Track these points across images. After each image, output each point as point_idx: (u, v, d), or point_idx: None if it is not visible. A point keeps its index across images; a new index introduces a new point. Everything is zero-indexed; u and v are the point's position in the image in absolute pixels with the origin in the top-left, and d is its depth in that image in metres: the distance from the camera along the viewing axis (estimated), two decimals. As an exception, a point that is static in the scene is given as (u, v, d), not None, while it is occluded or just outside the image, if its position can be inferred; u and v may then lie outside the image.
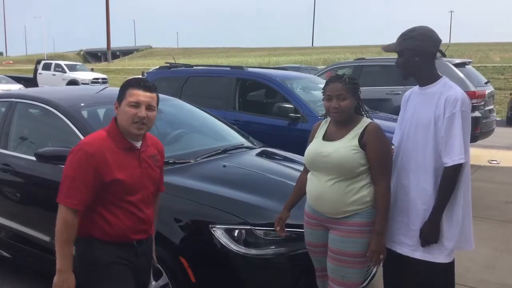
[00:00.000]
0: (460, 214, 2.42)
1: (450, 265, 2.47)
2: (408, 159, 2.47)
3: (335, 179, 2.37)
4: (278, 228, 2.62)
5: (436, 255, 2.42)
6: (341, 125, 2.45)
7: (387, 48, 2.54)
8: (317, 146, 2.48)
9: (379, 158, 2.36)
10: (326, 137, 2.49)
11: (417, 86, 2.55)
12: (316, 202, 2.45)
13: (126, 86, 2.16)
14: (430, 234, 2.38)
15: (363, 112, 2.52)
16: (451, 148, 2.31)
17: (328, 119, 2.57)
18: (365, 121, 2.45)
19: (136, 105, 2.11)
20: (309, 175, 2.55)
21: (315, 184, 2.45)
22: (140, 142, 2.22)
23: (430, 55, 2.44)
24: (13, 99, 3.84)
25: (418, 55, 2.41)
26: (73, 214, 2.05)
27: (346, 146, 2.37)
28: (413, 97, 2.57)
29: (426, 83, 2.46)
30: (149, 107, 2.15)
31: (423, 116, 2.42)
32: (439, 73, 2.49)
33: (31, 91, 4.38)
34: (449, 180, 2.33)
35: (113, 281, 2.13)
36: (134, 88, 2.13)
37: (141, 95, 2.12)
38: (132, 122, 2.11)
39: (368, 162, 2.36)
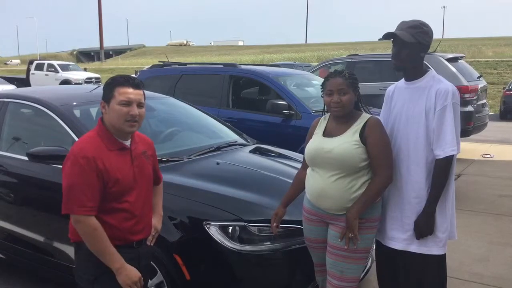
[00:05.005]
0: (450, 206, 2.45)
1: (443, 257, 2.50)
2: (398, 153, 2.48)
3: (337, 175, 2.37)
4: (274, 225, 2.62)
5: (431, 247, 2.44)
6: (341, 120, 2.45)
7: (390, 36, 2.39)
8: (318, 142, 2.47)
9: (381, 149, 2.36)
10: (327, 133, 2.49)
11: (402, 80, 2.56)
12: (318, 198, 2.45)
13: (113, 84, 2.13)
14: (425, 226, 2.40)
15: (362, 108, 2.53)
16: (443, 140, 2.34)
17: (327, 115, 2.57)
18: (365, 116, 2.45)
19: (128, 103, 2.10)
20: (309, 172, 2.55)
21: (317, 180, 2.44)
22: (129, 140, 2.22)
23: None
24: (5, 99, 3.81)
25: (424, 51, 2.43)
26: (93, 218, 2.03)
27: (348, 141, 2.37)
28: (398, 92, 2.57)
29: (414, 78, 2.47)
30: (139, 105, 2.15)
31: (414, 109, 2.44)
32: (431, 68, 2.51)
33: (22, 90, 4.35)
34: (442, 171, 2.36)
35: (116, 287, 2.10)
36: (123, 87, 2.11)
37: (132, 93, 2.12)
38: (125, 121, 2.11)
39: (369, 156, 2.36)
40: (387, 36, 2.42)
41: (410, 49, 2.38)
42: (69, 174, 2.05)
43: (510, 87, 16.32)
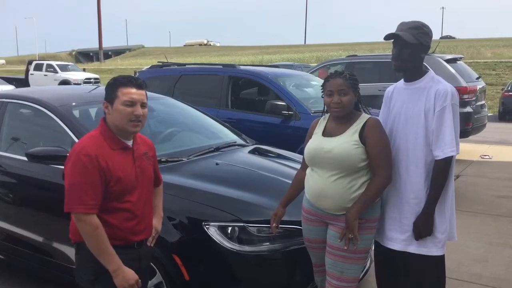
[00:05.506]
0: (449, 207, 2.46)
1: (442, 258, 2.50)
2: (397, 154, 2.49)
3: (337, 175, 2.38)
4: (274, 225, 2.62)
5: (430, 248, 2.44)
6: (341, 121, 2.46)
7: (392, 37, 2.40)
8: (317, 142, 2.48)
9: (380, 150, 2.37)
10: (326, 133, 2.49)
11: (401, 81, 2.56)
12: (318, 198, 2.45)
13: (117, 85, 2.14)
14: (424, 227, 2.40)
15: (362, 108, 2.53)
16: (442, 141, 2.34)
17: (326, 116, 2.57)
18: (364, 116, 2.46)
19: (131, 103, 2.11)
20: (308, 172, 2.55)
21: (316, 180, 2.45)
22: (131, 141, 2.22)
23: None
24: (4, 99, 3.81)
25: (425, 52, 2.44)
26: (94, 217, 2.02)
27: (348, 141, 2.37)
28: (397, 92, 2.57)
29: (414, 79, 2.47)
30: (142, 105, 2.16)
31: (413, 110, 2.44)
32: (430, 68, 2.51)
33: (21, 91, 4.35)
34: (441, 172, 2.37)
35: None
36: (127, 87, 2.12)
37: (135, 93, 2.13)
38: (129, 121, 2.12)
39: (369, 156, 2.36)
40: (388, 37, 2.42)
41: (412, 49, 2.39)
42: (70, 172, 2.05)
43: (509, 88, 16.35)
